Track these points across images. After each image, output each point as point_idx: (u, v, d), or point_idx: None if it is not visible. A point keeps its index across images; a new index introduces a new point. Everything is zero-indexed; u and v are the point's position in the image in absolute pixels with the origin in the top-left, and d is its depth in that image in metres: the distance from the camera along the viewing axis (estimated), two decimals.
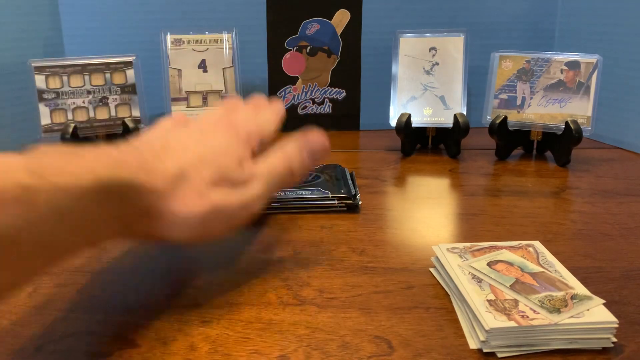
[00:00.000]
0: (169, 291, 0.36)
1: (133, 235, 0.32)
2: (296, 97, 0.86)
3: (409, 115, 0.69)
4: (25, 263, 0.23)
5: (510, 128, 0.68)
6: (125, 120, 0.67)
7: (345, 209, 0.50)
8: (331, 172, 0.57)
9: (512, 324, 0.29)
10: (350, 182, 0.54)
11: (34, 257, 0.24)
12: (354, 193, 0.51)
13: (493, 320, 0.29)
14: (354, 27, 0.83)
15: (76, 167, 0.25)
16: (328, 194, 0.50)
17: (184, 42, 0.72)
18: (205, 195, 0.31)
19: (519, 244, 0.39)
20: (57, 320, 0.33)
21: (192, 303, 0.35)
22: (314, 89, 0.85)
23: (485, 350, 0.29)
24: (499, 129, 0.67)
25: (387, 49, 0.74)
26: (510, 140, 0.69)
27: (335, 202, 0.50)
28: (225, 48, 0.72)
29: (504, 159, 0.69)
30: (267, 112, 0.39)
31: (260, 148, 0.37)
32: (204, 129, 0.36)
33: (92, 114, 0.68)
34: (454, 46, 0.71)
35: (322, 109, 0.86)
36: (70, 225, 0.25)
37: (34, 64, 0.65)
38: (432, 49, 0.71)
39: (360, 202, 0.51)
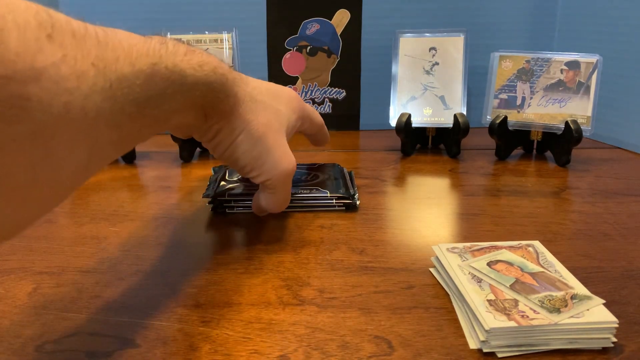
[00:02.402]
0: (169, 291, 0.36)
1: (206, 129, 0.38)
2: None
3: (409, 115, 0.69)
4: (152, 126, 0.30)
5: (510, 128, 0.68)
6: None
7: (343, 208, 0.50)
8: (330, 171, 0.57)
9: (512, 323, 0.29)
10: (349, 181, 0.54)
11: (160, 120, 0.30)
12: (352, 193, 0.51)
13: (493, 320, 0.29)
14: (354, 27, 0.83)
15: (191, 61, 0.31)
16: (327, 193, 0.50)
17: (184, 42, 0.72)
18: (262, 125, 0.39)
19: (519, 244, 0.39)
20: (57, 320, 0.33)
21: (192, 303, 0.35)
22: (314, 88, 0.86)
23: (485, 350, 0.29)
24: (499, 129, 0.67)
25: (387, 49, 0.74)
26: (510, 140, 0.69)
27: (334, 201, 0.50)
28: (225, 48, 0.72)
29: (504, 159, 0.69)
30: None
31: (308, 129, 0.48)
32: (279, 94, 0.43)
33: None
34: (454, 46, 0.71)
35: (322, 109, 0.86)
36: (189, 104, 0.32)
37: None
38: (432, 49, 0.71)
39: (358, 202, 0.51)
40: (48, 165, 0.21)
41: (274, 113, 0.41)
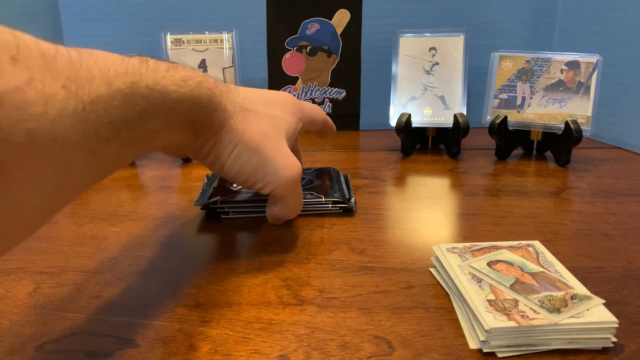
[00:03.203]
0: (169, 291, 0.36)
1: (198, 147, 0.37)
2: (296, 97, 0.86)
3: (409, 115, 0.69)
4: (137, 146, 0.29)
5: (510, 128, 0.68)
6: None
7: (340, 211, 0.50)
8: (325, 176, 0.57)
9: (512, 323, 0.29)
10: (344, 185, 0.54)
11: (144, 141, 0.29)
12: (348, 197, 0.51)
13: (493, 320, 0.29)
14: (354, 27, 0.83)
15: (174, 77, 0.30)
16: (321, 197, 0.50)
17: (184, 42, 0.72)
18: (257, 134, 0.38)
19: (519, 244, 0.39)
20: (57, 320, 0.33)
21: (192, 303, 0.35)
22: (314, 89, 0.86)
23: (485, 350, 0.29)
24: (499, 129, 0.67)
25: (387, 49, 0.74)
26: (510, 140, 0.69)
27: (330, 205, 0.50)
28: (225, 48, 0.72)
29: (504, 159, 0.69)
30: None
31: (310, 128, 0.47)
32: (273, 99, 0.42)
33: None
34: (454, 46, 0.71)
35: (322, 109, 0.86)
36: (174, 122, 0.31)
37: None
38: (432, 49, 0.71)
39: (355, 205, 0.51)
40: (7, 198, 0.20)
41: (269, 120, 0.39)
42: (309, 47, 0.84)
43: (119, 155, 0.27)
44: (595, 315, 0.30)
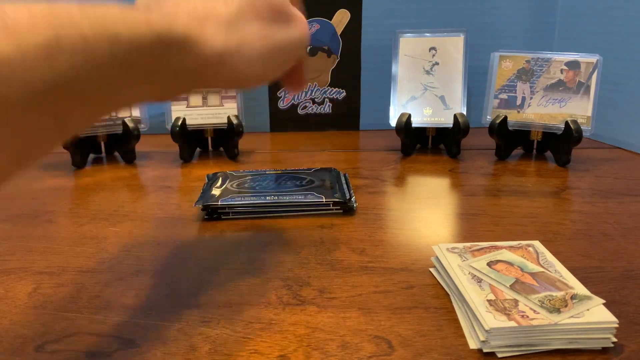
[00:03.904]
0: (169, 291, 0.36)
1: (202, 84, 0.30)
2: (296, 97, 0.86)
3: (409, 115, 0.69)
4: (91, 107, 0.25)
5: (510, 128, 0.68)
6: (125, 120, 0.67)
7: (340, 211, 0.50)
8: (325, 176, 0.57)
9: (512, 323, 0.29)
10: (344, 185, 0.54)
11: (98, 101, 0.25)
12: (348, 197, 0.51)
13: (493, 320, 0.29)
14: (354, 27, 0.83)
15: (133, 20, 0.25)
16: (322, 198, 0.50)
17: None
18: (255, 34, 0.31)
19: (519, 244, 0.39)
20: (57, 320, 0.33)
21: (192, 303, 0.35)
22: (314, 88, 0.86)
23: (485, 350, 0.29)
24: (499, 129, 0.67)
25: (387, 49, 0.74)
26: (510, 140, 0.69)
27: (330, 205, 0.50)
28: None
29: (504, 159, 0.69)
30: None
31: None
32: None
33: None
34: (454, 46, 0.71)
35: (322, 109, 0.86)
36: (134, 74, 0.26)
37: None
38: (432, 49, 0.71)
39: (356, 205, 0.51)
40: None
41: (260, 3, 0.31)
42: (309, 47, 0.84)
43: (75, 114, 0.24)
44: (595, 315, 0.30)
